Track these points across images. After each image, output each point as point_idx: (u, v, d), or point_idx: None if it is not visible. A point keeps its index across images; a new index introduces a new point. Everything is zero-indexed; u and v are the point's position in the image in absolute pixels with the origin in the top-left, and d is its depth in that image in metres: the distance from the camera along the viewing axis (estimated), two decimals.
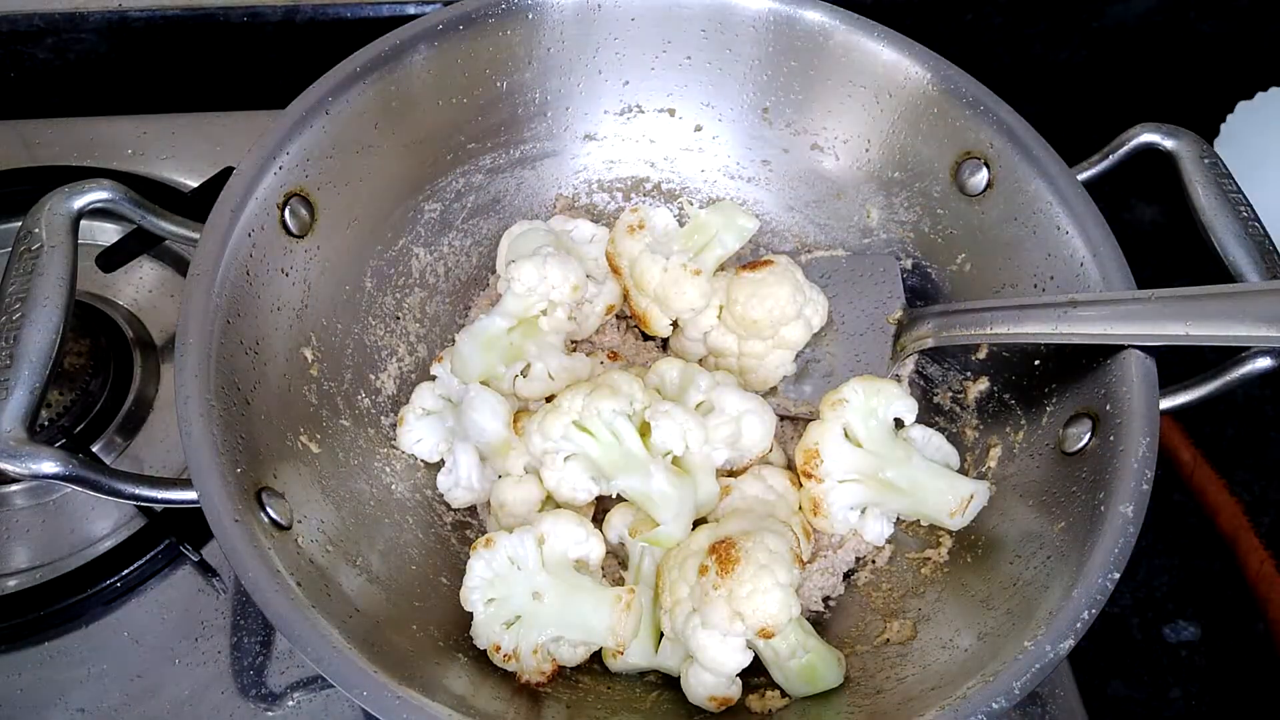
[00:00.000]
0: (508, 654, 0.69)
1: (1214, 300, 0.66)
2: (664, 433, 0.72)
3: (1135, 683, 0.89)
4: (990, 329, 0.75)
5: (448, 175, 0.88)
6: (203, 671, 0.78)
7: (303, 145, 0.76)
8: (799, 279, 0.83)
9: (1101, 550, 0.63)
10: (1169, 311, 0.67)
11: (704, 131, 0.93)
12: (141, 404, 0.89)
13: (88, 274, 0.87)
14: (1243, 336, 0.64)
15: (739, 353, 0.85)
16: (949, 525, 0.76)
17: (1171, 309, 0.67)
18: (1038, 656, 0.60)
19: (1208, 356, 0.71)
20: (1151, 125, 0.78)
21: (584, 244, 0.89)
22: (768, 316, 0.82)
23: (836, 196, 0.91)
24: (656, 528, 0.73)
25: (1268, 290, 0.66)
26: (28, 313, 0.65)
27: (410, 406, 0.82)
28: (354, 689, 0.58)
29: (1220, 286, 0.67)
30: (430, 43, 0.81)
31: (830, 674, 0.70)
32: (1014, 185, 0.80)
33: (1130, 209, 1.13)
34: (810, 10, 0.84)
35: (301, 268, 0.77)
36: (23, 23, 1.04)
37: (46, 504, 0.84)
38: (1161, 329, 0.67)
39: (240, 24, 1.07)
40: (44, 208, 0.70)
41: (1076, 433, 0.72)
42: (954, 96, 0.82)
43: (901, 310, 0.86)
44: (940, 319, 0.81)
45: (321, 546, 0.68)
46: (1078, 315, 0.70)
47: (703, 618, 0.68)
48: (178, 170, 1.02)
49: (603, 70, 0.89)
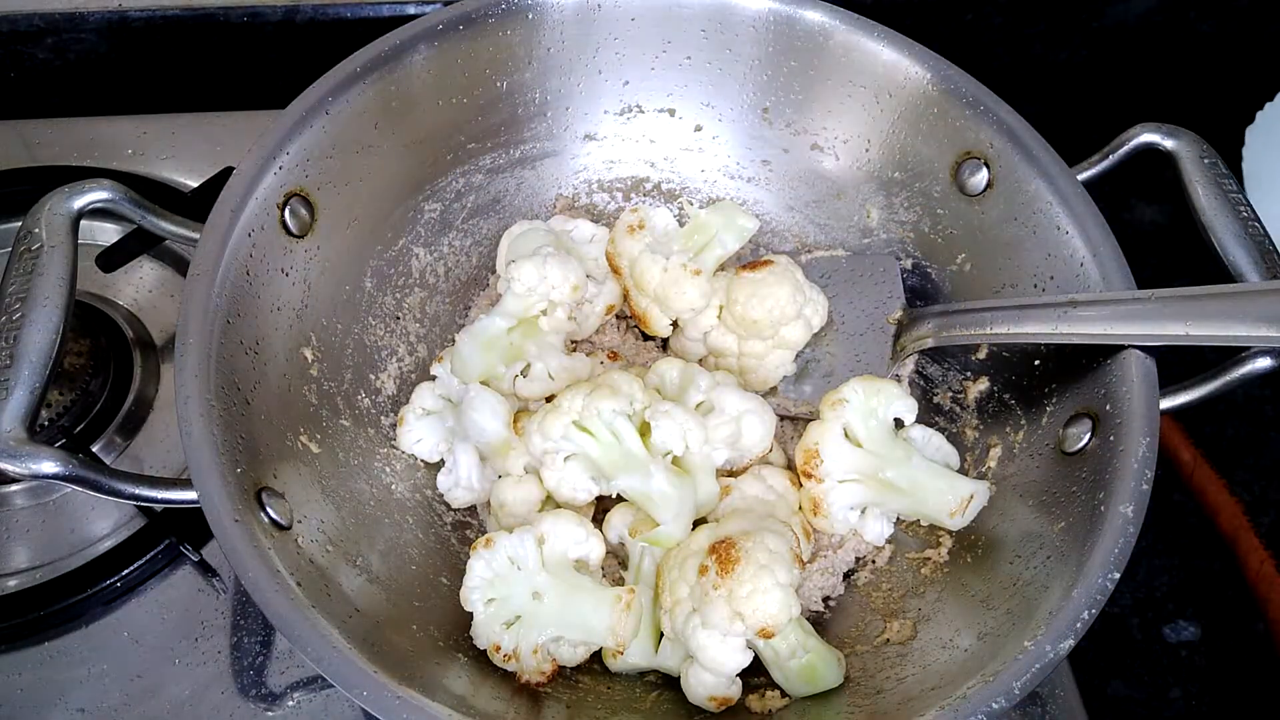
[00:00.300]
0: (508, 654, 0.69)
1: (1214, 300, 0.66)
2: (664, 433, 0.72)
3: (1135, 683, 0.89)
4: (990, 329, 0.75)
5: (448, 175, 0.88)
6: (203, 671, 0.78)
7: (303, 145, 0.76)
8: (799, 279, 0.83)
9: (1101, 550, 0.63)
10: (1169, 311, 0.67)
11: (704, 131, 0.93)
12: (141, 404, 0.89)
13: (88, 274, 0.87)
14: (1243, 336, 0.64)
15: (739, 353, 0.85)
16: (949, 525, 0.76)
17: (1171, 309, 0.67)
18: (1038, 656, 0.60)
19: (1208, 356, 0.71)
20: (1151, 125, 0.78)
21: (584, 244, 0.89)
22: (768, 316, 0.82)
23: (836, 196, 0.91)
24: (656, 528, 0.73)
25: (1268, 290, 0.66)
26: (28, 313, 0.65)
27: (410, 406, 0.82)
28: (354, 689, 0.58)
29: (1220, 286, 0.67)
30: (430, 43, 0.81)
31: (830, 674, 0.70)
32: (1014, 185, 0.80)
33: (1130, 209, 1.13)
34: (810, 10, 0.85)
35: (301, 268, 0.77)
36: (23, 23, 1.04)
37: (46, 504, 0.84)
38: (1161, 329, 0.67)
39: (240, 24, 1.07)
40: (44, 208, 0.70)
41: (1076, 433, 0.72)
42: (954, 96, 0.82)
43: (901, 310, 0.86)
44: (940, 319, 0.81)
45: (321, 546, 0.68)
46: (1078, 315, 0.70)
47: (703, 618, 0.68)
48: (178, 170, 1.02)
49: (603, 70, 0.89)
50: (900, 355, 0.84)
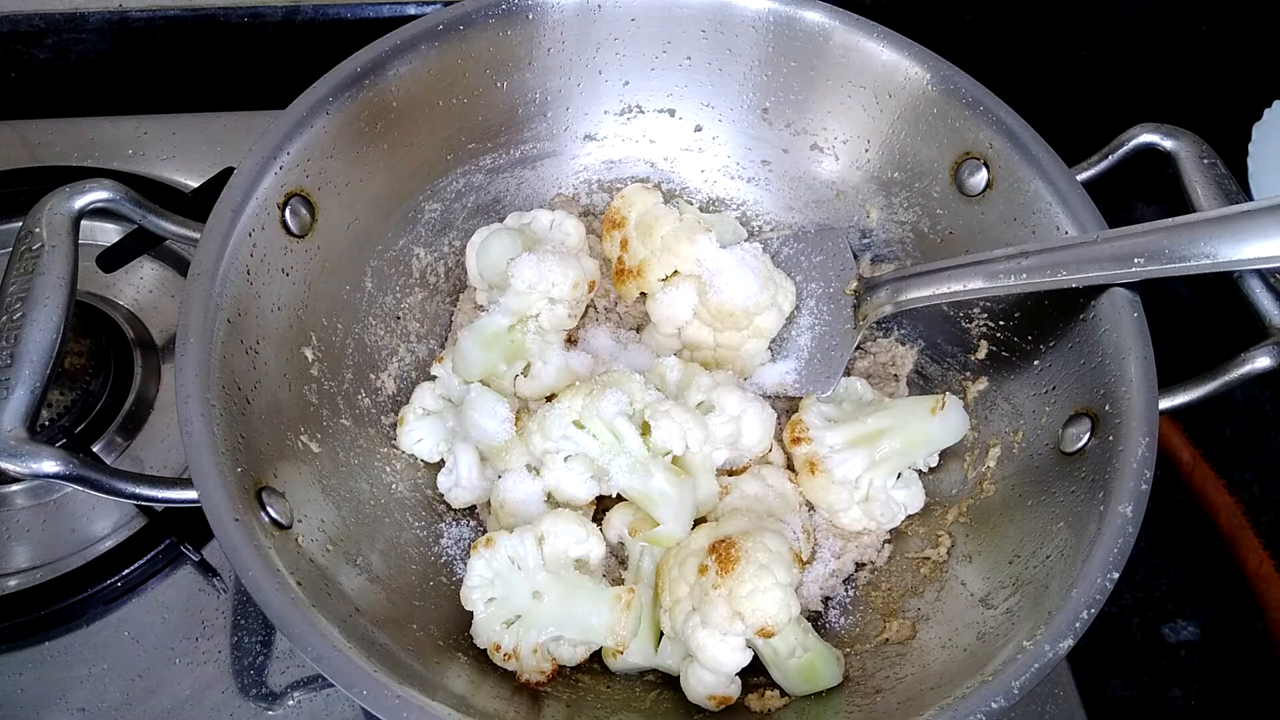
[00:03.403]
0: (508, 653, 0.69)
1: (1162, 234, 0.67)
2: (664, 433, 0.72)
3: (1135, 682, 0.89)
4: (946, 288, 0.76)
5: (448, 175, 0.88)
6: (203, 671, 0.78)
7: (303, 145, 0.76)
8: (769, 267, 0.85)
9: (1101, 550, 0.63)
10: (1120, 249, 0.68)
11: (704, 132, 0.93)
12: (142, 404, 0.89)
13: (88, 274, 0.87)
14: (1193, 265, 0.66)
15: (715, 344, 0.85)
16: (940, 437, 0.78)
17: (1121, 247, 0.69)
18: (1037, 656, 0.60)
19: (1208, 356, 0.71)
20: (1151, 125, 0.78)
21: (545, 232, 0.88)
22: (743, 306, 0.82)
23: (836, 196, 0.91)
24: (656, 527, 0.73)
25: (1209, 219, 0.67)
26: (28, 312, 0.65)
27: (410, 406, 0.82)
28: (354, 688, 0.58)
29: (1165, 221, 0.68)
30: (430, 43, 0.81)
31: (829, 673, 0.70)
32: (1013, 185, 0.80)
33: (1130, 209, 1.13)
34: (810, 10, 0.85)
35: (301, 268, 0.77)
36: (23, 23, 1.04)
37: (47, 504, 0.84)
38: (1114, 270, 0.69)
39: (240, 24, 1.07)
40: (44, 208, 0.70)
41: (1076, 433, 0.72)
42: (953, 97, 0.82)
43: (857, 280, 0.86)
44: (895, 284, 0.81)
45: (322, 546, 0.69)
46: (1028, 265, 0.71)
47: (702, 617, 0.68)
48: (178, 170, 1.02)
49: (603, 70, 0.89)
50: (862, 325, 0.84)
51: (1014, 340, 0.80)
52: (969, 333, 0.84)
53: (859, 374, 0.88)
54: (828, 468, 0.77)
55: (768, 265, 0.85)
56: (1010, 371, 0.81)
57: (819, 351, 0.85)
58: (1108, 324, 0.71)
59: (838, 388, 0.84)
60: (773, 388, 0.86)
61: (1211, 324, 1.06)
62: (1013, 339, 0.81)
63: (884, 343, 0.90)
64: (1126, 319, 0.71)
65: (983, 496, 0.78)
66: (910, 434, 0.78)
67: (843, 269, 0.88)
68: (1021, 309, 0.80)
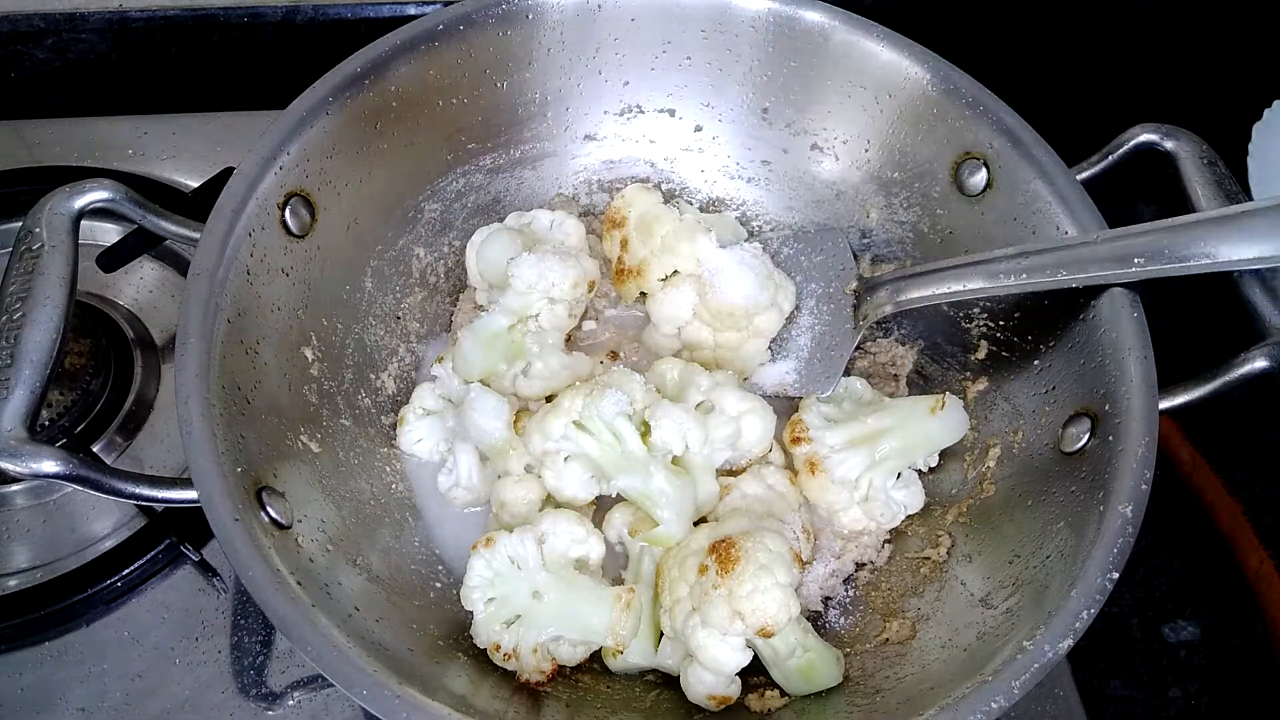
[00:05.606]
0: (507, 653, 0.69)
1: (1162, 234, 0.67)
2: (664, 433, 0.72)
3: (1135, 682, 0.89)
4: (947, 288, 0.76)
5: (448, 175, 0.88)
6: (203, 671, 0.78)
7: (303, 145, 0.76)
8: (769, 267, 0.84)
9: (1101, 550, 0.63)
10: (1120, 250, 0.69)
11: (704, 132, 0.93)
12: (142, 404, 0.89)
13: (88, 274, 0.87)
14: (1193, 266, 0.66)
15: (715, 344, 0.85)
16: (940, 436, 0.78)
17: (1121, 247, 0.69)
18: (1037, 656, 0.60)
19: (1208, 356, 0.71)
20: (1151, 125, 0.78)
21: (545, 232, 0.88)
22: (743, 306, 0.82)
23: (836, 197, 0.91)
24: (656, 527, 0.73)
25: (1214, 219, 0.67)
26: (28, 312, 0.65)
27: (410, 406, 0.82)
28: (354, 688, 0.58)
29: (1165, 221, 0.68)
30: (431, 43, 0.81)
31: (829, 673, 0.70)
32: (1013, 185, 0.80)
33: (1130, 209, 1.12)
34: (810, 10, 0.85)
35: (301, 268, 0.77)
36: (23, 23, 1.04)
37: (47, 504, 0.84)
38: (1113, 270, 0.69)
39: (240, 24, 1.07)
40: (44, 208, 0.70)
41: (1075, 433, 0.72)
42: (953, 96, 0.82)
43: (857, 281, 0.86)
44: (894, 284, 0.81)
45: (322, 546, 0.69)
46: (1028, 265, 0.71)
47: (702, 617, 0.68)
48: (178, 170, 1.02)
49: (603, 70, 0.89)
50: (862, 325, 0.84)
51: (1014, 340, 0.80)
52: (969, 333, 0.84)
53: (859, 374, 0.88)
54: (828, 468, 0.77)
55: (768, 265, 0.85)
56: (1010, 371, 0.81)
57: (819, 351, 0.85)
58: (1108, 324, 0.71)
59: (838, 388, 0.84)
60: (773, 388, 0.86)
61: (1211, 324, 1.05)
62: (1013, 339, 0.81)
63: (884, 343, 0.90)
64: (1126, 319, 0.71)
65: (983, 496, 0.78)
66: (910, 434, 0.78)
67: (843, 269, 0.88)
68: (1021, 309, 0.80)
